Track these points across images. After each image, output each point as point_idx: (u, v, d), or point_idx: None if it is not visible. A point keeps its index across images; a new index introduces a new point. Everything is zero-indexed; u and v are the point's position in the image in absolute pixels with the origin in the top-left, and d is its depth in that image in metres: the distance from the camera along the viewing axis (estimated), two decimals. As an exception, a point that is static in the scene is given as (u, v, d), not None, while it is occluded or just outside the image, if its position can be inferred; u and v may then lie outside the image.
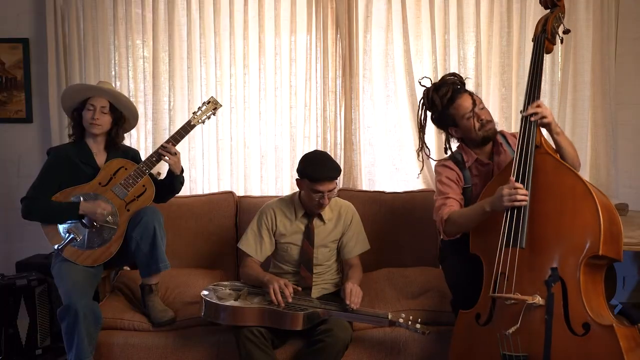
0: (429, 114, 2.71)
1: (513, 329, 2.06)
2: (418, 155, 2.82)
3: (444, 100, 2.59)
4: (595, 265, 2.10)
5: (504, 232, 2.17)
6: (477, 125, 2.53)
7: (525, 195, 2.15)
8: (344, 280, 2.74)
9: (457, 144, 2.72)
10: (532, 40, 2.44)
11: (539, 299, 2.06)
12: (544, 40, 2.40)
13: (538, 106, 2.29)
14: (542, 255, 2.13)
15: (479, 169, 2.61)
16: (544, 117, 2.28)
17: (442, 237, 2.56)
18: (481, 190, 2.48)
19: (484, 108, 2.59)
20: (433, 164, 2.82)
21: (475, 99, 2.58)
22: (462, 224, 2.43)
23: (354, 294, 2.54)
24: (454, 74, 2.70)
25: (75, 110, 2.83)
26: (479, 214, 2.33)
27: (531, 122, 2.27)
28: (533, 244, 2.15)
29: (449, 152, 2.74)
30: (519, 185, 2.16)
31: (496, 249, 2.19)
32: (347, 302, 2.52)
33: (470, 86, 2.82)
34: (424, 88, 2.69)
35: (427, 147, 2.77)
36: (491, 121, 2.58)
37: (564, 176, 2.15)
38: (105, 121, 2.82)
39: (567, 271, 2.06)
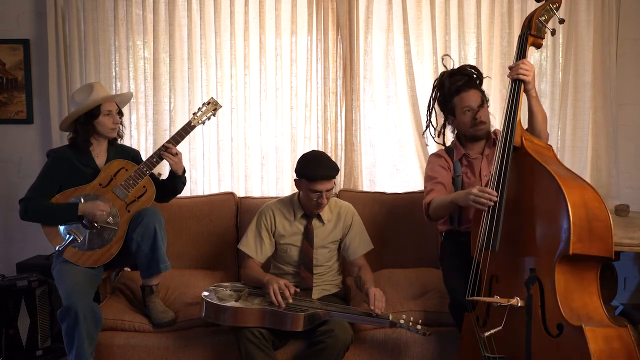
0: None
1: (492, 331, 2.07)
2: (422, 134, 3.00)
3: (452, 88, 2.70)
4: (579, 265, 2.07)
5: (481, 235, 2.20)
6: (470, 122, 2.65)
7: (491, 200, 2.17)
8: (360, 283, 2.70)
9: (452, 138, 2.86)
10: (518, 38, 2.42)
11: (517, 300, 2.05)
12: (527, 37, 2.36)
13: (524, 63, 2.30)
14: (522, 257, 2.15)
15: (468, 161, 2.73)
16: (525, 75, 2.29)
17: (426, 219, 2.69)
18: (470, 180, 2.65)
19: (484, 108, 2.68)
20: (432, 148, 2.97)
21: (483, 98, 2.68)
22: (437, 209, 2.57)
23: (377, 298, 2.52)
24: (474, 67, 2.81)
25: (84, 115, 2.76)
26: (449, 203, 2.49)
27: (511, 123, 2.25)
28: (514, 246, 2.17)
29: (441, 136, 2.91)
30: (489, 190, 2.19)
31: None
32: (372, 307, 2.49)
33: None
34: (444, 67, 2.84)
35: (433, 126, 2.88)
36: (485, 123, 2.68)
37: (540, 176, 2.14)
38: (118, 122, 2.85)
39: (543, 272, 2.06)
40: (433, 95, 2.84)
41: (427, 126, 2.89)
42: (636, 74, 3.55)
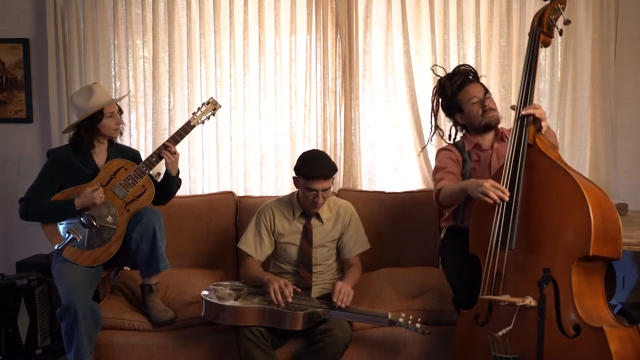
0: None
1: (504, 330, 2.05)
2: (430, 140, 3.02)
3: (454, 87, 2.73)
4: (590, 266, 2.07)
5: (494, 233, 2.18)
6: (480, 110, 2.66)
7: (501, 197, 2.17)
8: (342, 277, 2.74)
9: (462, 135, 2.84)
10: (528, 35, 2.42)
11: (530, 301, 2.04)
12: (539, 34, 2.36)
13: (536, 108, 2.28)
14: (535, 256, 2.13)
15: (478, 155, 2.71)
16: (540, 119, 2.26)
17: (437, 207, 2.67)
18: (479, 175, 2.60)
19: (490, 97, 2.72)
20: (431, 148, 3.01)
21: (485, 89, 2.72)
22: (447, 197, 2.53)
23: (342, 292, 2.54)
24: (468, 65, 2.84)
25: (88, 120, 2.77)
26: (458, 191, 2.44)
27: (524, 120, 2.25)
28: (526, 245, 2.15)
29: (451, 140, 2.88)
30: (502, 188, 2.19)
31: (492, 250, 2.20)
32: (335, 300, 2.53)
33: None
34: (438, 77, 2.85)
35: (440, 129, 2.93)
36: (495, 110, 2.70)
37: (556, 175, 2.13)
38: (121, 122, 2.88)
39: (558, 272, 2.04)
40: (435, 101, 2.84)
41: (434, 133, 2.90)
42: (634, 73, 3.55)
